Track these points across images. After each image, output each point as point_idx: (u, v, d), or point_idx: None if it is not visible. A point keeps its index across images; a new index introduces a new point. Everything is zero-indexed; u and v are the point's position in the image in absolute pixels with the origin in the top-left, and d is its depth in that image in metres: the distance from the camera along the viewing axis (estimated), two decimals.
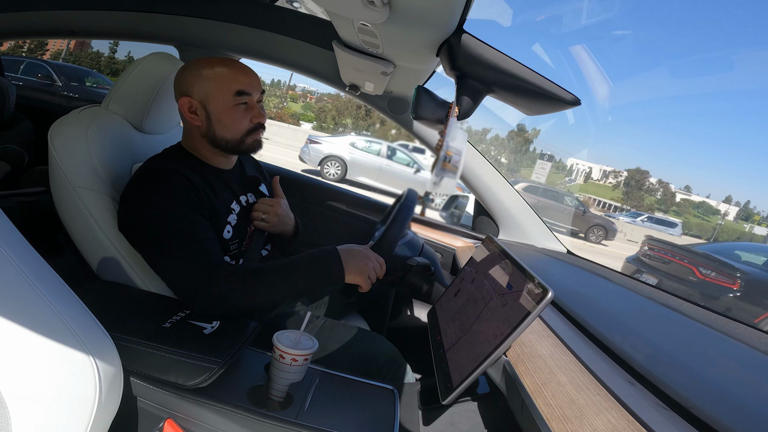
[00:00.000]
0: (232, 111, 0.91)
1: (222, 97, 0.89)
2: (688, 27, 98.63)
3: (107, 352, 0.62)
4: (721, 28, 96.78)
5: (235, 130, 0.92)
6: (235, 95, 0.90)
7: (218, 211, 0.92)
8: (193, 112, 0.91)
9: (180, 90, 0.91)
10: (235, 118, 0.91)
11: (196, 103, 0.90)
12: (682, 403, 0.56)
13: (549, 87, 0.74)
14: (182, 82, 0.91)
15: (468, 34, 0.71)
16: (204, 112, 0.91)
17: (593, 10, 46.16)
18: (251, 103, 0.93)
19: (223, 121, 0.91)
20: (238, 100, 0.90)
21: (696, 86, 70.95)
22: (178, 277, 0.80)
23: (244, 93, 0.91)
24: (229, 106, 0.90)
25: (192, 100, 0.90)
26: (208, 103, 0.90)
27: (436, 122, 0.95)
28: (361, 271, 0.85)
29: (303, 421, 0.67)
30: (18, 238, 0.59)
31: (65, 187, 0.89)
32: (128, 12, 1.60)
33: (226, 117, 0.91)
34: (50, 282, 0.59)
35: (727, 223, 35.84)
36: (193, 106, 0.90)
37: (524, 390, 0.61)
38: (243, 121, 0.92)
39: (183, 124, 0.97)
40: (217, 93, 0.89)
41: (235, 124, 0.92)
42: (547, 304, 0.62)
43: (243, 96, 0.91)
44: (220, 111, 0.90)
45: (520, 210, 1.60)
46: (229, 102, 0.90)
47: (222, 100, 0.90)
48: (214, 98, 0.89)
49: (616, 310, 1.11)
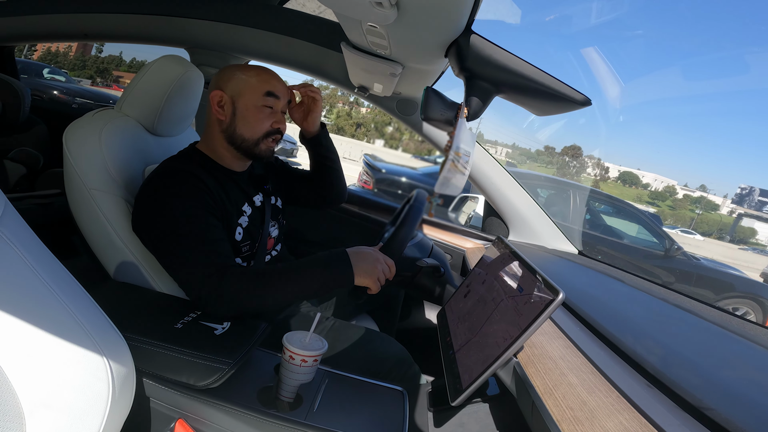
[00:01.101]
0: (257, 110, 0.94)
1: (252, 95, 0.93)
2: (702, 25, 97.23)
3: (120, 352, 0.63)
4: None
5: (255, 130, 0.95)
6: (265, 95, 0.94)
7: (230, 213, 0.93)
8: (220, 106, 0.94)
9: (216, 85, 0.95)
10: (258, 117, 0.95)
11: (226, 97, 0.94)
12: (696, 405, 0.55)
13: (559, 87, 0.73)
14: (219, 79, 0.95)
15: (476, 35, 0.70)
16: (231, 107, 0.94)
17: (602, 9, 45.99)
18: (276, 108, 0.96)
19: (246, 118, 0.94)
20: (266, 101, 0.94)
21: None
22: (190, 278, 0.81)
23: (273, 95, 0.95)
24: (257, 105, 0.94)
25: (223, 95, 0.94)
26: (238, 99, 0.94)
27: (445, 123, 0.95)
28: (371, 273, 0.85)
29: (312, 422, 0.67)
30: (34, 239, 0.60)
31: (80, 189, 0.90)
32: (140, 15, 1.62)
33: (251, 115, 0.94)
34: (65, 283, 0.60)
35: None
36: (222, 100, 0.94)
37: (534, 391, 0.61)
38: (265, 122, 0.95)
39: (205, 120, 0.98)
40: (248, 90, 0.93)
41: (257, 124, 0.95)
42: (558, 306, 0.61)
43: (271, 98, 0.94)
44: (247, 107, 0.94)
45: (530, 211, 1.59)
46: (258, 101, 0.94)
47: (251, 97, 0.94)
48: (244, 94, 0.93)
49: (629, 311, 1.10)
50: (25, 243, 0.58)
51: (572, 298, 0.97)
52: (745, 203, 32.60)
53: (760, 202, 31.37)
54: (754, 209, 31.76)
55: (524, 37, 72.76)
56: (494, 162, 1.55)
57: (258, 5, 1.54)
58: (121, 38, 1.79)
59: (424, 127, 1.56)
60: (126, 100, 1.02)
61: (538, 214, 1.60)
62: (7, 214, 0.57)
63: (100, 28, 1.74)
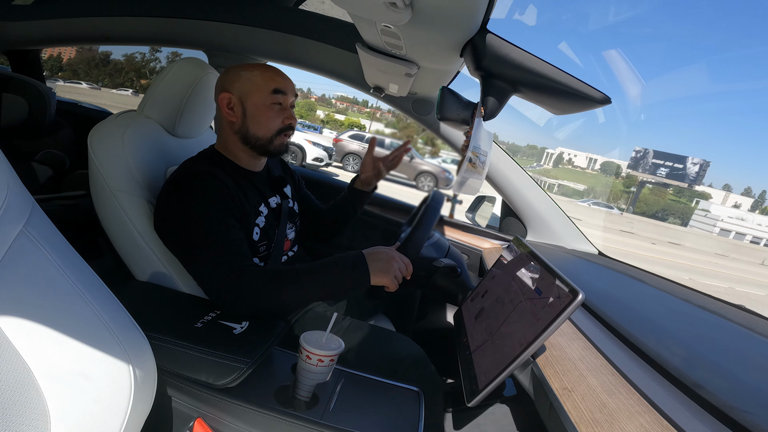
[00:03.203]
0: (266, 109, 0.95)
1: (259, 94, 0.94)
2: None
3: (143, 351, 0.65)
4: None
5: (267, 128, 0.96)
6: (272, 93, 0.95)
7: (248, 214, 0.94)
8: (230, 108, 0.96)
9: (221, 87, 0.96)
10: (269, 116, 0.96)
11: (234, 99, 0.95)
12: (720, 407, 0.54)
13: (577, 86, 0.72)
14: (224, 81, 0.96)
15: (492, 34, 0.70)
16: (241, 108, 0.95)
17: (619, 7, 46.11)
18: (285, 104, 0.97)
19: (257, 118, 0.95)
20: (274, 98, 0.95)
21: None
22: (210, 278, 0.83)
23: (280, 92, 0.95)
24: (266, 104, 0.95)
25: (231, 96, 0.95)
26: (246, 100, 0.95)
27: (462, 123, 0.95)
28: (387, 271, 0.85)
29: (328, 422, 0.67)
30: (60, 239, 0.62)
31: (104, 190, 0.92)
32: (160, 18, 1.66)
33: (261, 114, 0.95)
34: (91, 283, 0.62)
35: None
36: (231, 102, 0.95)
37: (552, 393, 0.60)
38: (276, 119, 0.97)
39: (218, 123, 1.00)
40: (255, 90, 0.94)
41: (268, 122, 0.96)
42: (577, 307, 0.61)
43: (278, 95, 0.95)
44: (256, 107, 0.95)
45: (548, 210, 1.57)
46: (266, 99, 0.95)
47: (259, 97, 0.94)
48: (252, 95, 0.94)
49: (651, 312, 1.07)
50: (52, 243, 0.60)
51: (592, 299, 0.95)
52: (639, 167, 31.41)
53: (654, 165, 30.19)
54: (648, 173, 30.68)
55: (540, 36, 71.72)
56: (511, 161, 1.54)
57: (274, 7, 1.56)
58: (142, 41, 1.83)
59: (441, 127, 1.56)
60: (147, 103, 1.04)
61: (557, 213, 1.57)
62: (34, 215, 0.59)
63: (121, 31, 1.78)
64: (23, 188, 0.60)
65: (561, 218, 1.58)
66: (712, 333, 0.97)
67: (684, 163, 28.81)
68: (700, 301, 1.19)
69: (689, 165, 28.61)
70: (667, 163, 29.84)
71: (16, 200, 0.58)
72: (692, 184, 29.47)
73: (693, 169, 28.53)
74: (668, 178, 29.98)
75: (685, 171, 28.93)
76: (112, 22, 1.76)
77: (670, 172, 29.53)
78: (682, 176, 29.27)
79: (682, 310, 1.12)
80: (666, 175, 29.89)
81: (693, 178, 28.85)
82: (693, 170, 28.59)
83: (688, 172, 28.86)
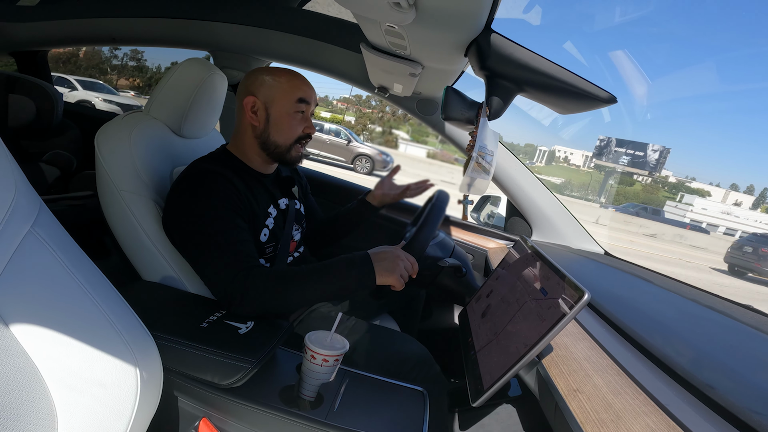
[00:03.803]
0: (290, 117, 0.96)
1: (285, 102, 0.95)
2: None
3: (149, 351, 0.65)
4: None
5: (288, 136, 0.98)
6: (297, 102, 0.96)
7: (257, 215, 0.95)
8: (254, 112, 0.96)
9: (247, 89, 0.97)
10: (291, 124, 0.97)
11: (259, 103, 0.96)
12: (729, 408, 0.53)
13: (583, 85, 0.72)
14: (251, 83, 0.97)
15: (496, 34, 0.70)
16: (265, 113, 0.96)
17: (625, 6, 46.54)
18: (306, 114, 0.99)
19: (280, 125, 0.96)
20: (298, 107, 0.96)
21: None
22: (217, 278, 0.83)
23: (305, 101, 0.97)
24: (290, 112, 0.96)
25: (257, 101, 0.95)
26: (271, 106, 0.95)
27: (466, 123, 0.95)
28: (392, 270, 0.85)
29: (333, 422, 0.68)
30: (68, 240, 0.62)
31: (111, 190, 0.93)
32: (165, 19, 1.67)
33: (284, 121, 0.96)
34: (98, 283, 0.63)
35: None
36: (256, 106, 0.96)
37: (558, 393, 0.60)
38: (297, 128, 0.98)
39: (237, 124, 1.00)
40: (281, 97, 0.95)
41: (290, 130, 0.97)
42: (583, 307, 0.60)
43: (302, 104, 0.96)
44: (281, 114, 0.96)
45: (553, 210, 1.56)
46: (291, 108, 0.96)
47: (284, 105, 0.95)
48: (278, 102, 0.95)
49: (658, 312, 1.07)
50: (60, 243, 0.60)
51: (598, 299, 0.95)
52: (603, 156, 31.01)
53: (617, 153, 29.77)
54: (612, 161, 30.35)
55: (545, 35, 71.43)
56: (516, 161, 1.53)
57: (278, 8, 1.56)
58: (147, 42, 1.84)
59: (446, 127, 1.55)
60: (153, 103, 1.05)
61: (563, 213, 1.57)
62: (42, 216, 0.60)
63: (127, 32, 1.79)
64: (31, 189, 0.61)
65: (566, 218, 1.57)
66: (720, 333, 0.96)
67: (645, 151, 28.50)
68: (707, 301, 1.18)
69: (649, 152, 28.29)
70: (628, 151, 29.50)
71: (24, 201, 0.58)
72: (653, 171, 29.19)
73: (653, 156, 28.23)
74: (630, 166, 29.72)
75: (646, 158, 28.63)
76: (117, 23, 1.77)
77: (631, 160, 29.26)
78: (643, 164, 28.99)
79: (689, 310, 1.11)
80: (628, 163, 29.60)
81: (653, 165, 28.58)
82: (653, 157, 28.30)
83: (648, 159, 28.56)
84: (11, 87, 1.86)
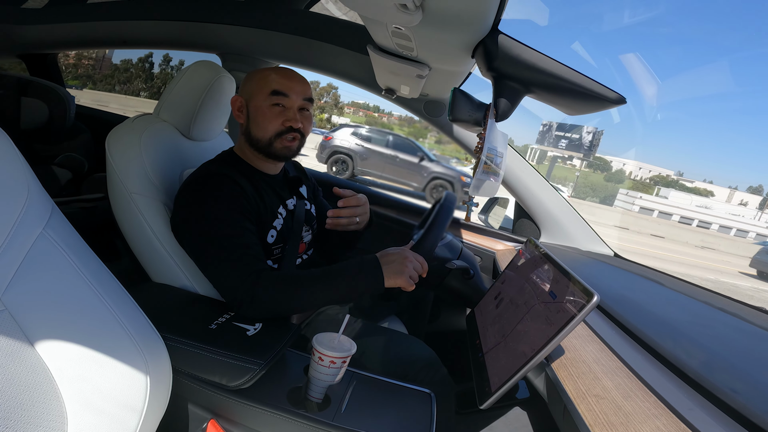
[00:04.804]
0: (266, 110, 0.95)
1: (259, 95, 0.95)
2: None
3: (158, 352, 0.66)
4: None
5: (265, 130, 0.95)
6: (270, 94, 0.94)
7: (265, 217, 0.95)
8: (239, 111, 0.98)
9: (237, 90, 0.99)
10: (267, 117, 0.94)
11: (242, 101, 0.97)
12: (741, 410, 0.53)
13: (591, 86, 0.71)
14: (240, 84, 0.99)
15: (503, 35, 0.69)
16: (246, 110, 0.97)
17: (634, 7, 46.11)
18: (288, 105, 0.95)
19: (257, 119, 0.96)
20: (272, 99, 0.94)
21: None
22: (225, 280, 0.83)
23: (280, 93, 0.94)
24: (265, 105, 0.94)
25: (240, 98, 0.97)
26: (250, 101, 0.96)
27: (474, 124, 0.94)
28: (401, 272, 0.85)
29: (340, 423, 0.68)
30: (79, 242, 0.63)
31: (121, 193, 0.94)
32: (174, 22, 1.69)
33: (260, 115, 0.95)
34: (108, 284, 0.63)
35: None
36: (240, 104, 0.97)
37: (566, 395, 0.60)
38: (274, 121, 0.95)
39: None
40: (257, 92, 0.95)
41: (266, 124, 0.95)
42: (592, 309, 0.60)
43: (278, 96, 0.94)
44: (256, 109, 0.95)
45: (562, 211, 1.55)
46: (266, 101, 0.94)
47: (259, 98, 0.95)
48: (254, 96, 0.95)
49: (668, 314, 1.05)
50: (71, 245, 0.61)
51: (608, 301, 0.94)
52: (545, 141, 30.35)
53: (557, 137, 29.14)
54: (552, 146, 29.78)
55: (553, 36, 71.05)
56: (524, 162, 1.52)
57: (285, 10, 1.57)
58: (157, 44, 1.86)
59: (454, 129, 1.55)
60: (163, 106, 1.06)
61: (571, 214, 1.56)
62: (54, 218, 0.61)
63: (137, 35, 1.82)
64: (43, 191, 0.62)
65: (575, 219, 1.56)
66: (733, 335, 0.95)
67: (580, 134, 28.11)
68: (719, 303, 1.17)
69: (584, 134, 27.83)
70: (566, 135, 29.04)
71: (37, 203, 0.59)
72: (587, 153, 28.74)
73: (587, 138, 27.81)
74: (567, 150, 29.29)
75: (581, 141, 28.24)
76: (127, 26, 1.79)
77: (569, 143, 28.84)
78: (578, 146, 28.53)
79: (700, 312, 1.09)
80: (566, 147, 29.16)
81: (587, 147, 28.17)
82: (587, 140, 27.88)
83: (583, 141, 28.17)
84: (23, 90, 1.88)
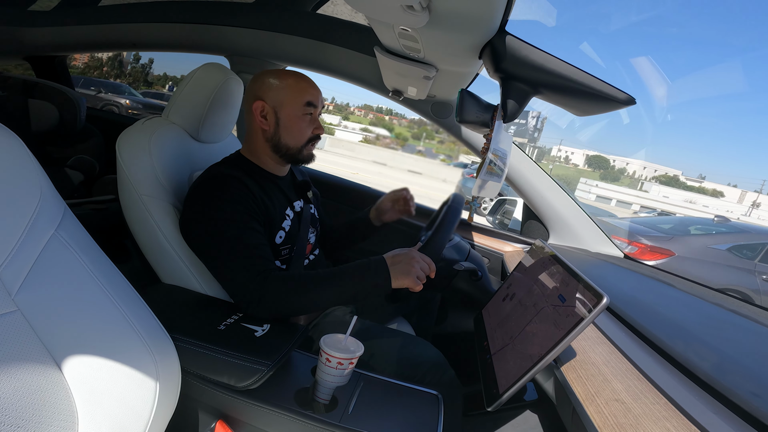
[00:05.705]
0: (299, 120, 0.98)
1: (293, 106, 0.97)
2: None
3: (168, 352, 0.66)
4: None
5: (298, 139, 0.99)
6: (305, 105, 0.97)
7: (273, 218, 0.96)
8: (263, 117, 0.98)
9: (254, 94, 0.98)
10: (301, 126, 0.99)
11: (268, 107, 0.97)
12: (753, 413, 0.52)
13: (600, 86, 0.71)
14: (258, 88, 0.98)
15: (511, 35, 0.69)
16: (274, 117, 0.98)
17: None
18: (315, 115, 1.01)
19: (290, 128, 0.98)
20: (306, 110, 0.98)
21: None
22: (234, 281, 0.84)
23: (312, 105, 0.98)
24: (298, 115, 0.98)
25: (265, 105, 0.97)
26: (280, 110, 0.97)
27: (481, 125, 0.94)
28: (408, 273, 0.85)
29: (347, 425, 0.68)
30: (90, 243, 0.64)
31: (131, 194, 0.95)
32: (183, 24, 1.70)
33: (294, 125, 0.98)
34: (119, 285, 0.64)
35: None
36: (265, 111, 0.98)
37: (575, 398, 0.59)
38: (307, 130, 1.00)
39: (248, 129, 1.02)
40: (290, 101, 0.97)
41: (300, 133, 0.99)
42: (602, 311, 0.59)
43: (311, 107, 0.98)
44: (289, 118, 0.98)
45: (571, 213, 1.54)
46: (299, 111, 0.97)
47: (293, 108, 0.97)
48: (286, 106, 0.97)
49: (679, 316, 1.04)
50: (83, 246, 0.62)
51: (617, 303, 0.93)
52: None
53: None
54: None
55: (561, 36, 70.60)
56: (532, 163, 1.52)
57: (293, 12, 1.58)
58: (166, 47, 1.88)
59: (462, 130, 1.55)
60: (172, 108, 1.07)
61: (580, 216, 1.54)
62: (66, 219, 0.62)
63: (147, 37, 1.83)
64: (56, 193, 0.62)
65: (584, 221, 1.55)
66: (744, 337, 0.94)
67: (526, 119, 28.03)
68: (731, 305, 1.15)
69: (530, 119, 27.73)
70: (516, 121, 29.19)
71: (49, 205, 0.60)
72: (532, 136, 28.60)
73: (532, 123, 27.73)
74: (516, 136, 29.30)
75: (527, 126, 28.09)
76: (139, 29, 1.81)
77: (518, 129, 28.82)
78: (524, 132, 28.41)
79: (711, 313, 1.08)
80: (515, 133, 29.15)
81: (532, 131, 28.08)
82: (532, 124, 27.79)
83: (528, 126, 28.04)
84: (30, 92, 1.90)
